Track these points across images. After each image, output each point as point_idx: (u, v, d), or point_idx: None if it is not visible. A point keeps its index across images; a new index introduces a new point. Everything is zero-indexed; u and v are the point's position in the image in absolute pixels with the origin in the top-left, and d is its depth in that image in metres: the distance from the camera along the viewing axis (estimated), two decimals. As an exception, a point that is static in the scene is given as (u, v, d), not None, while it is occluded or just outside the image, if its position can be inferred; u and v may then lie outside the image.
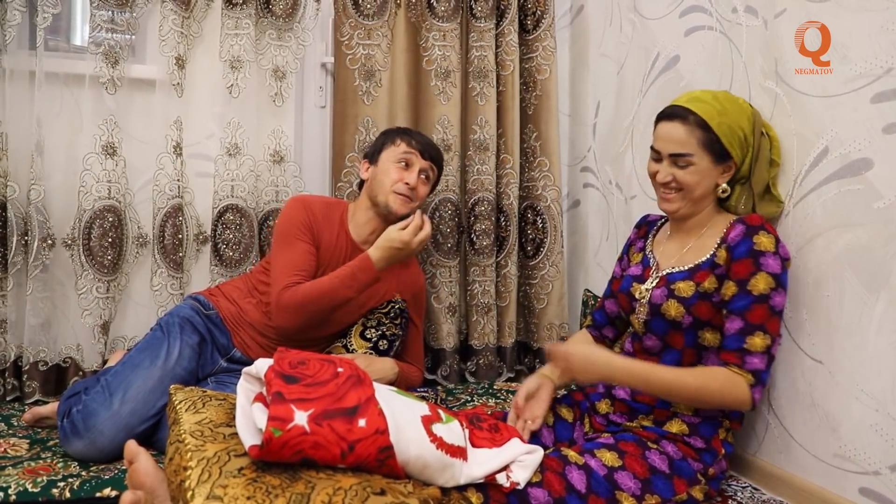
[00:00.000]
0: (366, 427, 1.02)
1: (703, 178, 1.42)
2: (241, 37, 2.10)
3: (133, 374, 1.59)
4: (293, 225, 1.80)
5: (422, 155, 1.86)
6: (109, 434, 1.50)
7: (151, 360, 1.63)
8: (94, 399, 1.55)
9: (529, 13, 2.36)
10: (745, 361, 1.31)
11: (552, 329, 2.37)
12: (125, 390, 1.56)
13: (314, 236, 1.81)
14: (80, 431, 1.50)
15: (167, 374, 1.62)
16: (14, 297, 1.94)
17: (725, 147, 1.40)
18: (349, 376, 1.09)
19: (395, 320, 1.85)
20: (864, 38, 1.32)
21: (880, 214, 1.29)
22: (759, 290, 1.32)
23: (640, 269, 1.56)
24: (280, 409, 0.99)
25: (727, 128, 1.40)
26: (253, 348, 1.79)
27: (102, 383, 1.59)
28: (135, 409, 1.54)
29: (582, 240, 2.48)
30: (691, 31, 1.85)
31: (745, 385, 1.30)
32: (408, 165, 1.85)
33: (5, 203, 1.90)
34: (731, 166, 1.44)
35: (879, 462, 1.29)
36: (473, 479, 1.13)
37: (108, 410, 1.52)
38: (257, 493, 0.92)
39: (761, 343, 1.31)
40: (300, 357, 1.13)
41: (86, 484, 1.37)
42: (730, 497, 1.47)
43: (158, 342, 1.68)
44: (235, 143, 2.11)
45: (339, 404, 1.03)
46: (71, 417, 1.53)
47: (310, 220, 1.81)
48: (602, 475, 1.26)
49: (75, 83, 2.00)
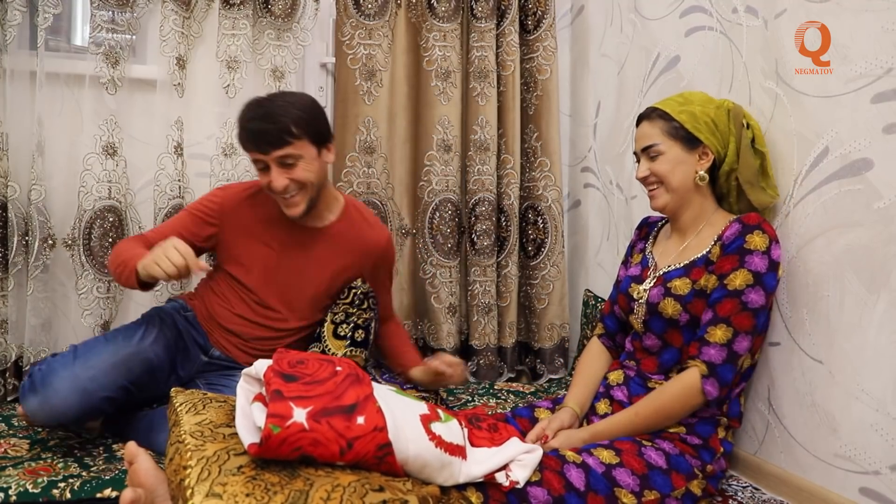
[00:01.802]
0: (364, 424, 1.02)
1: (676, 166, 1.46)
2: (237, 37, 2.10)
3: (103, 346, 1.58)
4: (198, 203, 1.75)
5: (262, 151, 1.58)
6: (63, 393, 1.47)
7: (124, 338, 1.62)
8: (58, 360, 1.53)
9: (530, 13, 2.36)
10: (700, 351, 1.35)
11: (553, 329, 2.37)
12: (90, 357, 1.54)
13: (210, 218, 1.72)
14: (37, 387, 1.48)
15: (137, 354, 1.59)
16: (15, 297, 1.95)
17: (691, 132, 1.45)
18: (347, 375, 1.10)
19: (361, 306, 1.80)
20: (865, 39, 1.32)
21: (880, 214, 1.29)
22: (735, 286, 1.34)
23: (638, 270, 1.56)
24: (279, 407, 0.99)
25: (688, 114, 1.46)
26: (229, 348, 1.75)
27: (70, 350, 1.57)
28: (95, 376, 1.50)
29: (583, 240, 2.48)
30: (692, 31, 1.85)
31: (696, 378, 1.34)
32: (264, 168, 1.61)
33: (6, 203, 1.91)
34: (706, 153, 1.47)
35: (880, 462, 1.29)
36: (472, 478, 1.13)
37: (68, 370, 1.49)
38: (256, 491, 0.92)
39: (721, 335, 1.33)
40: (299, 357, 1.13)
41: (86, 484, 1.37)
42: (730, 497, 1.47)
43: (136, 327, 1.67)
44: (231, 142, 2.11)
45: (338, 402, 1.04)
46: (31, 374, 1.52)
47: (216, 205, 1.73)
48: (600, 472, 1.26)
49: (76, 83, 2.00)
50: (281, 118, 1.56)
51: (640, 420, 1.39)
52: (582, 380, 1.59)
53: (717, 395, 1.34)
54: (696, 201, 1.49)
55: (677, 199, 1.48)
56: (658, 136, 1.47)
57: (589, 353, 1.67)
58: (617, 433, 1.39)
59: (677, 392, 1.36)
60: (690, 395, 1.35)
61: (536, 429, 1.45)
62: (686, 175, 1.47)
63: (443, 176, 2.27)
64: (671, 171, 1.46)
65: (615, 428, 1.40)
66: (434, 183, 2.27)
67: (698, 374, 1.34)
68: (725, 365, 1.33)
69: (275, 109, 1.57)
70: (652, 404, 1.39)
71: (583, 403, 1.53)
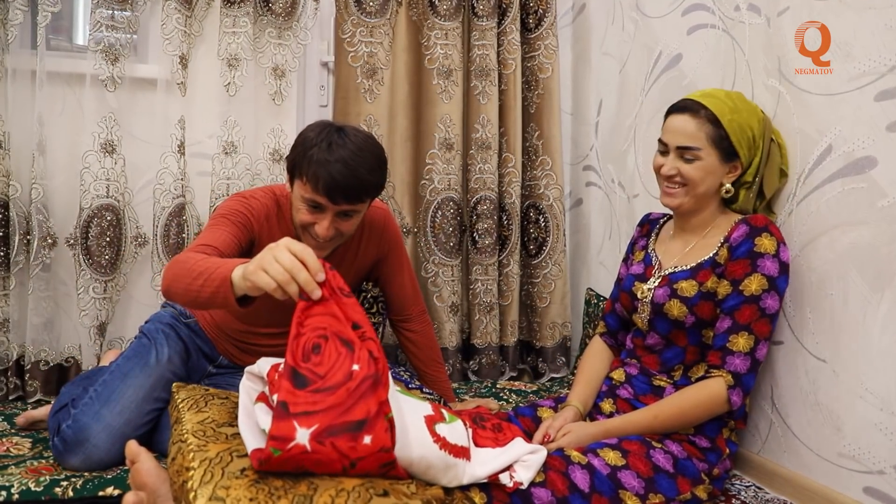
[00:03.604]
0: (370, 444, 0.98)
1: (707, 175, 1.41)
2: (238, 35, 2.09)
3: (123, 384, 1.53)
4: (227, 209, 1.55)
5: (331, 200, 1.42)
6: (104, 447, 1.45)
7: (141, 367, 1.56)
8: (85, 412, 1.48)
9: (531, 11, 2.36)
10: (725, 361, 1.33)
11: (555, 328, 2.37)
12: (117, 401, 1.50)
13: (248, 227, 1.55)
14: (73, 447, 1.45)
15: (160, 379, 1.55)
16: (16, 296, 1.94)
17: (734, 145, 1.40)
18: (364, 379, 1.00)
19: (370, 310, 1.78)
20: (868, 36, 1.32)
21: (884, 213, 1.28)
22: (751, 291, 1.32)
23: (641, 268, 1.55)
24: (282, 427, 0.94)
25: (737, 126, 1.40)
26: (237, 354, 1.70)
27: (91, 394, 1.52)
28: (129, 420, 1.49)
29: (584, 238, 2.48)
30: (694, 29, 1.84)
31: (722, 388, 1.32)
32: (318, 209, 1.46)
33: (8, 202, 1.90)
34: (737, 167, 1.43)
35: (884, 461, 1.28)
36: (477, 479, 1.13)
37: (101, 423, 1.46)
38: (260, 495, 0.91)
39: (745, 344, 1.31)
40: (316, 339, 1.02)
41: (88, 483, 1.37)
42: (733, 496, 1.47)
43: (146, 349, 1.59)
44: (232, 141, 2.10)
45: (346, 417, 0.97)
46: (62, 434, 1.47)
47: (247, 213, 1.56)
48: (605, 474, 1.25)
49: (77, 82, 2.00)
50: (367, 177, 1.44)
51: (659, 423, 1.37)
52: (584, 378, 1.58)
53: (741, 404, 1.34)
54: (711, 207, 1.48)
55: (694, 203, 1.45)
56: (703, 140, 1.39)
57: (591, 352, 1.66)
58: (631, 432, 1.37)
59: (703, 400, 1.35)
60: (716, 405, 1.34)
61: (541, 429, 1.44)
62: (713, 184, 1.43)
63: (444, 175, 2.26)
64: (703, 179, 1.41)
65: (630, 427, 1.38)
66: (436, 182, 2.27)
67: (724, 384, 1.33)
68: (749, 374, 1.33)
69: (363, 163, 1.43)
70: (673, 409, 1.37)
71: (586, 401, 1.53)
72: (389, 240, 1.77)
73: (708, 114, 1.40)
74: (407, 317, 1.86)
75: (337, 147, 1.42)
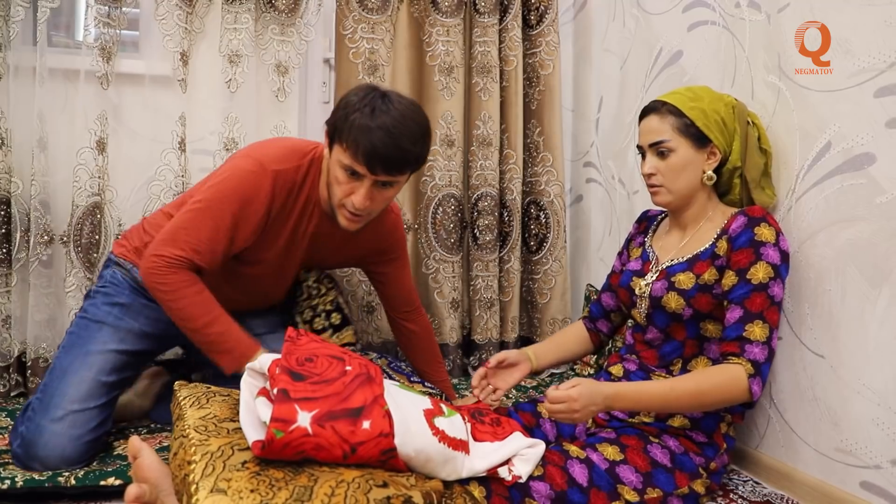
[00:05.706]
0: (369, 429, 1.02)
1: (686, 165, 1.44)
2: (240, 31, 2.09)
3: (63, 384, 1.45)
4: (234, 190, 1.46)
5: (371, 170, 1.39)
6: (56, 453, 1.39)
7: (81, 359, 1.47)
8: (29, 428, 1.42)
9: (532, 8, 2.36)
10: (744, 350, 1.29)
11: (555, 324, 2.38)
12: (59, 405, 1.42)
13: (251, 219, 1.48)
14: (27, 462, 1.40)
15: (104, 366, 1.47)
16: (18, 293, 1.95)
17: (701, 130, 1.42)
18: (357, 375, 1.08)
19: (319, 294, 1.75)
20: (868, 33, 1.32)
21: (883, 209, 1.29)
22: (759, 279, 1.32)
23: (639, 264, 1.56)
24: (283, 410, 0.99)
25: (699, 111, 1.43)
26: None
27: (34, 404, 1.45)
28: (76, 421, 1.42)
29: (585, 235, 2.48)
30: (694, 26, 1.85)
31: (743, 375, 1.27)
32: (356, 176, 1.42)
33: (9, 199, 1.91)
34: (714, 152, 1.45)
35: (881, 456, 1.29)
36: (475, 473, 1.14)
37: (44, 435, 1.39)
38: (261, 486, 0.92)
39: (761, 332, 1.30)
40: (308, 353, 1.12)
41: (90, 474, 1.38)
42: (731, 491, 1.48)
43: (85, 336, 1.51)
44: (233, 137, 2.11)
45: (345, 404, 1.03)
46: (14, 452, 1.42)
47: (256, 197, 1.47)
48: (604, 469, 1.26)
49: (77, 79, 2.00)
50: (409, 148, 1.39)
51: (674, 396, 1.28)
52: (551, 340, 1.73)
53: (759, 395, 1.30)
54: (700, 198, 1.48)
55: (682, 197, 1.47)
56: (668, 132, 1.43)
57: (568, 328, 1.78)
58: (644, 401, 1.29)
59: (723, 383, 1.27)
60: (736, 392, 1.27)
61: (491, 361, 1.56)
62: (694, 174, 1.45)
63: (446, 171, 2.27)
64: (682, 169, 1.43)
65: (644, 395, 1.29)
66: (437, 178, 2.27)
67: (745, 372, 1.27)
68: (766, 364, 1.29)
69: (406, 132, 1.38)
70: (691, 385, 1.29)
71: (540, 356, 1.63)
72: (395, 242, 1.79)
73: (669, 107, 1.44)
74: (406, 313, 1.88)
75: (380, 113, 1.37)
